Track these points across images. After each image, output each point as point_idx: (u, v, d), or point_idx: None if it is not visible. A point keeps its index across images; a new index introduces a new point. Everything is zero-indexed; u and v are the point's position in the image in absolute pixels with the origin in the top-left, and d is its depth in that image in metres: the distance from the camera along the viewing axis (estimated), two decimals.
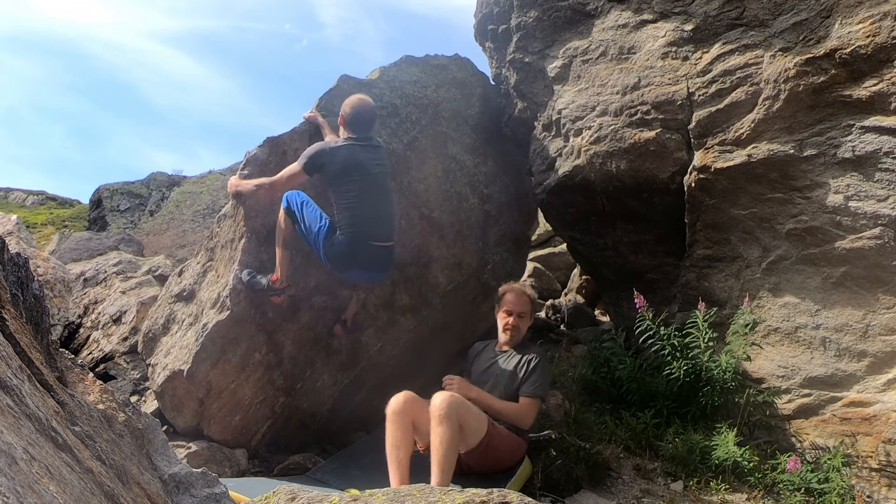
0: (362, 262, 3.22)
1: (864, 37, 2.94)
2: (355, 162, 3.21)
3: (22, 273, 1.54)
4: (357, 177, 3.20)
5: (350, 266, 3.22)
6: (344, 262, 3.20)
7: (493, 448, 2.83)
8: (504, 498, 1.34)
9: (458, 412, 2.69)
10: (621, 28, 3.97)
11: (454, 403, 2.68)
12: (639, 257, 4.31)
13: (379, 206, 3.27)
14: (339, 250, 3.15)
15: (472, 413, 2.77)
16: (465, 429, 2.72)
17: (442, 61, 4.75)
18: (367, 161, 3.26)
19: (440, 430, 2.61)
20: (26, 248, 5.97)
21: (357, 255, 3.18)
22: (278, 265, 3.31)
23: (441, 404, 2.65)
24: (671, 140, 3.73)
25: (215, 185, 15.39)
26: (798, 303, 3.46)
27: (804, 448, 3.45)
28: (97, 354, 4.90)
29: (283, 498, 1.45)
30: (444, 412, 2.63)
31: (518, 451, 3.00)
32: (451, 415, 2.64)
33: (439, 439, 2.59)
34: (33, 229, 17.39)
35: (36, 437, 1.01)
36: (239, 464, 3.45)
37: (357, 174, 3.20)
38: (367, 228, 3.19)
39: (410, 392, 2.88)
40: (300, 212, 3.22)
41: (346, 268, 3.24)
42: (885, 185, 3.03)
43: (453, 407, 2.67)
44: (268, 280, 3.30)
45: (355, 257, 3.18)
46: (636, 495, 3.19)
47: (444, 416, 2.62)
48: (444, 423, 2.62)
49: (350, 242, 3.14)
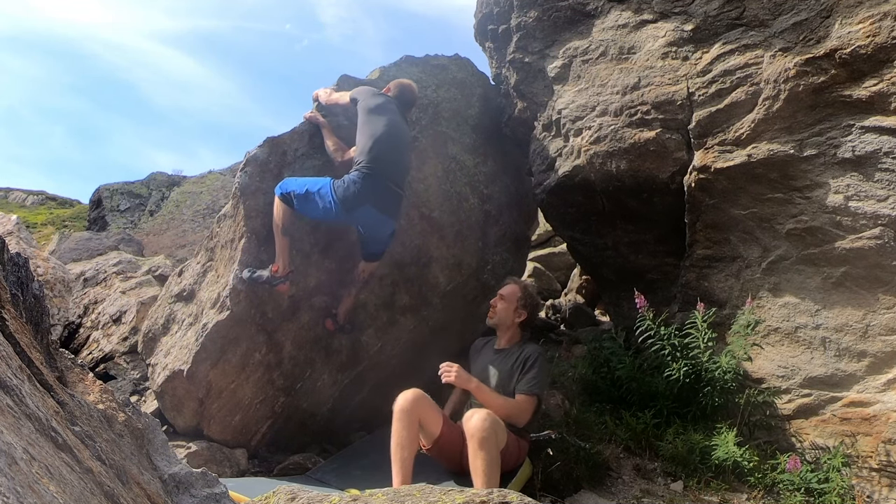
0: (374, 200, 3.25)
1: (864, 37, 2.94)
2: (389, 110, 3.46)
3: (22, 273, 1.54)
4: (386, 118, 3.40)
5: (362, 203, 3.22)
6: (356, 199, 3.21)
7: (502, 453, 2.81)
8: (504, 498, 1.34)
9: (498, 434, 2.64)
10: (621, 28, 3.97)
11: (495, 424, 2.62)
12: (639, 257, 4.31)
13: (399, 152, 3.45)
14: (351, 188, 3.20)
15: (503, 431, 2.72)
16: (500, 443, 2.69)
17: (442, 61, 4.75)
18: (398, 117, 3.51)
19: (483, 454, 2.54)
20: (26, 248, 5.97)
21: (371, 191, 3.23)
22: (278, 254, 3.35)
23: (482, 426, 2.58)
24: (671, 140, 3.73)
25: (215, 185, 15.39)
26: (798, 303, 3.46)
27: (804, 448, 3.45)
28: (97, 354, 4.90)
29: (283, 498, 1.45)
30: (486, 434, 2.57)
31: (521, 454, 2.97)
32: (491, 437, 2.58)
33: (483, 465, 2.53)
34: (33, 229, 17.39)
35: (36, 437, 1.01)
36: (239, 464, 3.45)
37: (387, 116, 3.42)
38: (385, 167, 3.29)
39: (419, 390, 2.84)
40: (295, 187, 3.32)
41: (357, 205, 3.22)
42: (885, 185, 3.03)
43: (494, 428, 2.60)
44: (269, 271, 3.33)
45: (369, 193, 3.22)
46: (636, 495, 3.19)
47: (485, 440, 2.56)
48: (485, 447, 2.55)
49: (365, 178, 3.22)
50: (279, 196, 3.35)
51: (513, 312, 3.19)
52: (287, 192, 3.33)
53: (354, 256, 3.68)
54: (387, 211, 3.35)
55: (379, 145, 3.30)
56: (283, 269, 3.33)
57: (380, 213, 3.32)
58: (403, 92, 3.66)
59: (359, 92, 3.54)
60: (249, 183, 3.54)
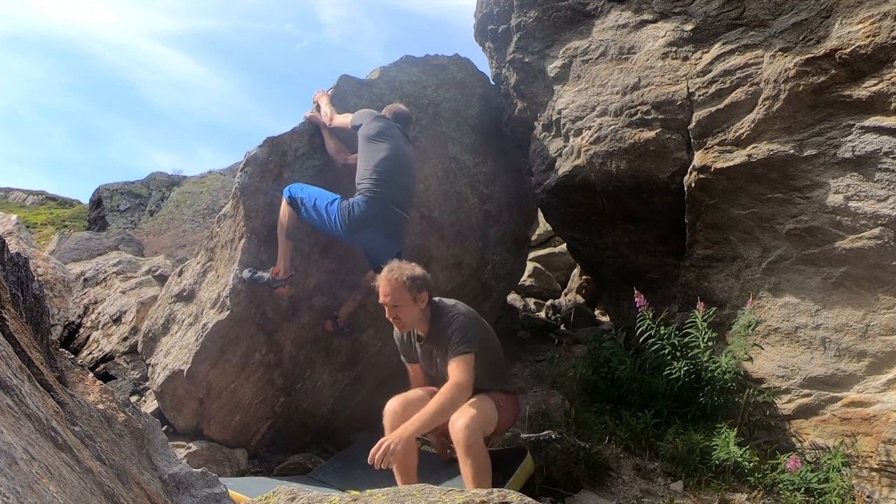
0: (379, 224, 3.29)
1: (864, 37, 2.94)
2: (392, 133, 3.48)
3: (22, 273, 1.54)
4: (390, 142, 3.42)
5: (366, 227, 3.27)
6: (361, 223, 3.25)
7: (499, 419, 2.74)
8: (504, 498, 1.33)
9: (485, 429, 2.58)
10: (621, 28, 3.97)
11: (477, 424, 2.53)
12: (639, 257, 4.31)
13: (404, 175, 3.45)
14: (357, 211, 3.24)
15: (489, 418, 2.64)
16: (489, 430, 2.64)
17: (442, 61, 4.75)
18: (401, 138, 3.54)
19: (470, 461, 2.46)
20: (26, 248, 5.97)
21: (375, 216, 3.26)
22: (280, 256, 3.37)
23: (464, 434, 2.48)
24: (671, 140, 3.73)
25: (215, 185, 15.39)
26: (798, 303, 3.46)
27: (804, 448, 3.45)
28: (97, 354, 4.90)
29: (283, 498, 1.45)
30: (470, 441, 2.48)
31: (516, 406, 2.90)
32: (475, 442, 2.50)
33: (471, 471, 2.46)
34: (33, 229, 17.39)
35: (36, 437, 1.01)
36: (239, 464, 3.45)
37: (391, 140, 3.43)
38: (390, 191, 3.31)
39: (401, 395, 2.79)
40: (304, 195, 3.35)
41: (361, 228, 3.26)
42: (885, 185, 3.03)
43: (477, 430, 2.52)
44: (270, 273, 3.35)
45: (373, 218, 3.26)
46: (636, 495, 3.19)
47: (470, 447, 2.47)
48: (471, 453, 2.47)
49: (370, 202, 3.24)
50: (287, 199, 3.37)
51: (415, 307, 2.80)
52: (295, 198, 3.35)
53: (355, 257, 3.68)
54: (391, 235, 3.36)
55: (381, 170, 3.31)
56: (283, 272, 3.35)
57: (384, 238, 3.33)
58: (398, 114, 3.71)
59: (361, 116, 3.55)
60: (249, 183, 3.54)
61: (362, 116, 3.54)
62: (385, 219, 3.30)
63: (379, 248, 3.35)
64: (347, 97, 4.06)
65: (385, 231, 3.32)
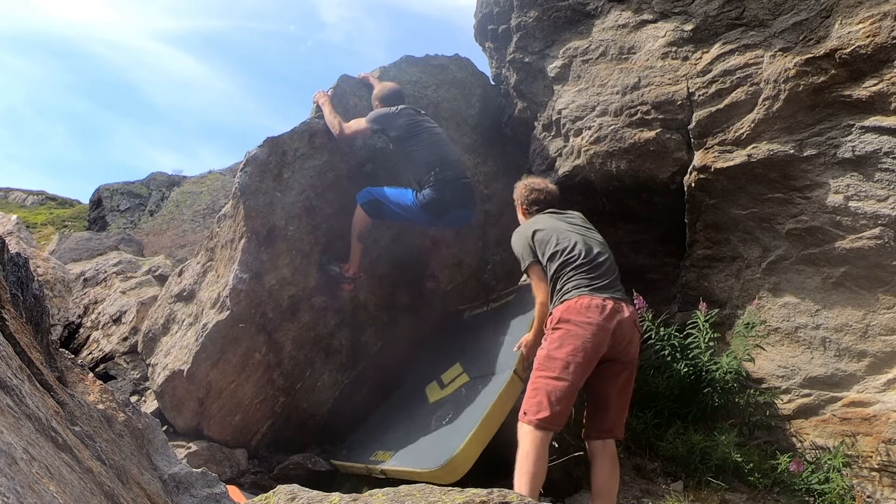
0: (455, 201, 3.57)
1: (864, 37, 2.94)
2: (415, 121, 3.64)
3: (22, 273, 1.54)
4: (422, 132, 3.61)
5: (446, 209, 3.54)
6: (439, 208, 3.51)
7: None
8: (504, 498, 1.34)
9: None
10: (621, 28, 3.97)
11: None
12: (639, 257, 4.31)
13: (448, 151, 3.68)
14: (431, 199, 3.48)
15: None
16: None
17: (442, 61, 4.75)
18: (424, 119, 3.71)
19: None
20: (26, 248, 5.97)
21: (449, 197, 3.52)
22: (352, 257, 3.64)
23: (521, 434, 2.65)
24: (671, 140, 3.73)
25: (215, 185, 15.39)
26: (798, 303, 3.46)
27: (804, 448, 3.45)
28: (97, 354, 4.90)
29: (283, 498, 1.45)
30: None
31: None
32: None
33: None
34: (33, 229, 17.38)
35: (36, 437, 1.01)
36: (239, 464, 3.45)
37: (420, 130, 3.62)
38: (448, 170, 3.55)
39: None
40: (384, 197, 3.59)
41: (442, 213, 3.55)
42: (885, 185, 3.03)
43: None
44: (341, 268, 3.64)
45: (448, 200, 3.52)
46: (636, 495, 3.19)
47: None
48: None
49: (438, 189, 3.48)
50: (361, 204, 3.60)
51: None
52: (375, 200, 3.58)
53: None
54: (467, 205, 3.68)
55: (431, 161, 3.53)
56: (354, 271, 3.65)
57: (464, 210, 3.67)
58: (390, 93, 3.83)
59: (377, 119, 3.64)
60: (249, 183, 3.54)
61: (379, 120, 3.64)
62: (456, 195, 3.56)
63: (463, 219, 3.77)
64: (347, 97, 4.06)
65: (461, 203, 3.62)
